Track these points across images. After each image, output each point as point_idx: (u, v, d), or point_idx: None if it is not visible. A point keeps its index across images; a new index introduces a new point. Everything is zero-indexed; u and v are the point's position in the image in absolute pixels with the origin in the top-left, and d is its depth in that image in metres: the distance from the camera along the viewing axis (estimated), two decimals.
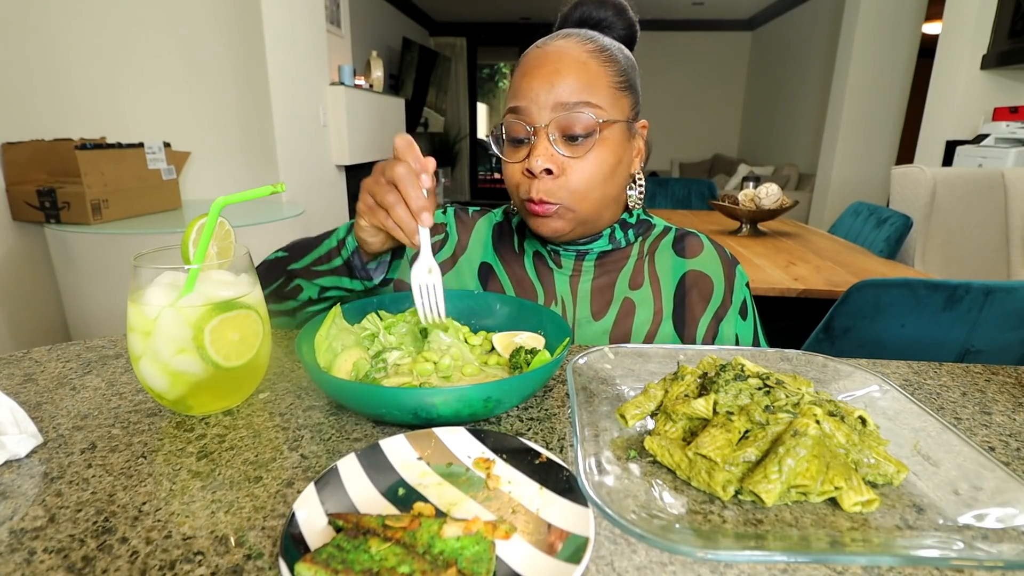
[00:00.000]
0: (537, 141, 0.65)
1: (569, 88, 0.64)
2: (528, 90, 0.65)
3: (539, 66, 0.66)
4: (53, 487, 0.40)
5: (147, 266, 0.48)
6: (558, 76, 0.65)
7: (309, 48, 2.81)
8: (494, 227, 0.82)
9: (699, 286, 0.75)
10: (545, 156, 0.64)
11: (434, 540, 0.32)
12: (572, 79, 0.65)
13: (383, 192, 0.55)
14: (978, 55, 2.92)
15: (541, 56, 0.67)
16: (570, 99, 0.64)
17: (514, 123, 0.67)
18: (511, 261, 0.78)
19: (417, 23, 6.91)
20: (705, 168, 7.22)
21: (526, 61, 0.68)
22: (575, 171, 0.65)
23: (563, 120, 0.64)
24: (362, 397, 0.45)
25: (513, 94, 0.68)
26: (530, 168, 0.65)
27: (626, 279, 0.75)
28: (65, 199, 1.70)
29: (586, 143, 0.65)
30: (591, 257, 0.75)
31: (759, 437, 0.40)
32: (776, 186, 2.20)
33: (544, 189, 0.65)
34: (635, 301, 0.74)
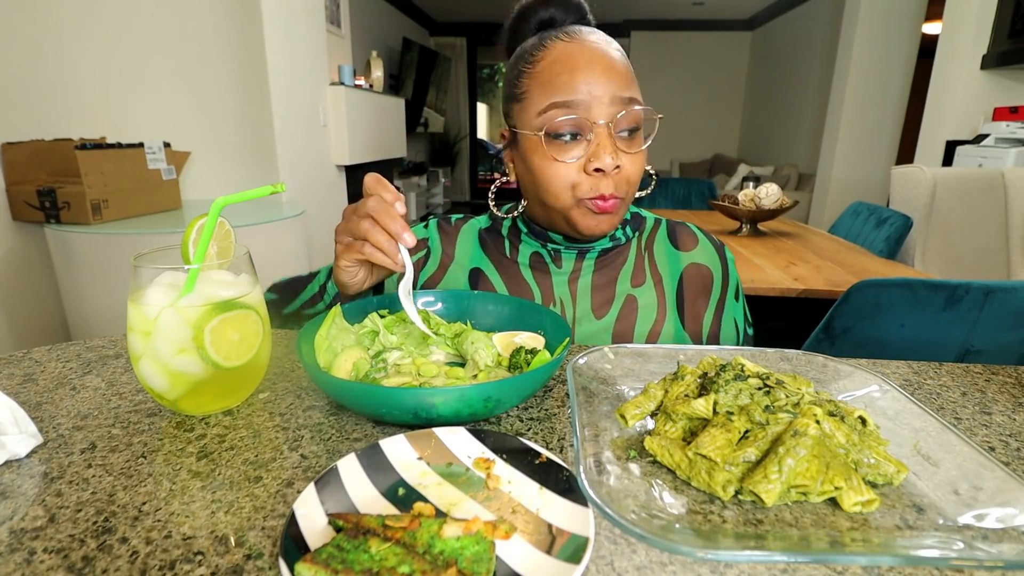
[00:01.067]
0: (602, 138, 0.63)
1: (622, 82, 0.63)
2: (585, 84, 0.63)
3: (591, 60, 0.63)
4: (53, 487, 0.40)
5: (147, 266, 0.48)
6: (614, 71, 0.63)
7: (309, 48, 2.81)
8: (480, 232, 0.81)
9: (699, 280, 0.76)
10: (614, 152, 0.63)
11: (434, 540, 0.32)
12: (622, 73, 0.64)
13: (358, 224, 0.55)
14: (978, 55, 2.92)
15: (585, 49, 0.64)
16: (624, 93, 0.63)
17: (567, 119, 0.63)
18: (507, 267, 0.77)
19: (417, 23, 6.91)
20: (705, 168, 7.22)
21: (567, 55, 0.64)
22: (632, 165, 0.65)
23: (625, 117, 0.64)
24: (362, 397, 0.45)
25: (557, 88, 0.63)
26: (601, 167, 0.62)
27: (627, 277, 0.75)
28: (65, 199, 1.70)
29: (638, 137, 0.65)
30: (592, 255, 0.75)
31: (759, 437, 0.40)
32: (776, 186, 2.20)
33: (614, 184, 0.64)
34: (638, 299, 0.74)
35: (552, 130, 0.64)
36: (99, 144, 1.77)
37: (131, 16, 2.15)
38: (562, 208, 0.67)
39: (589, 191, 0.64)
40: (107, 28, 2.10)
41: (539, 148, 0.65)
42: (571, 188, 0.65)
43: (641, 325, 0.73)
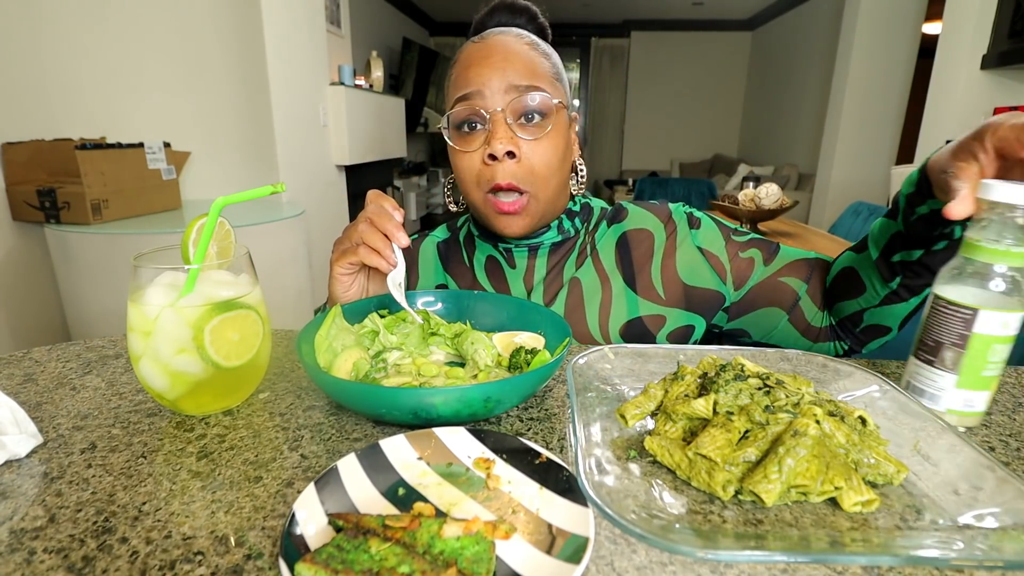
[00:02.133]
0: (495, 126, 0.65)
1: (519, 72, 0.65)
2: (478, 76, 0.65)
3: (486, 55, 0.66)
4: (53, 487, 0.40)
5: (147, 266, 0.48)
6: (507, 62, 0.65)
7: (309, 48, 2.81)
8: (438, 246, 0.82)
9: (639, 241, 0.75)
10: (506, 138, 0.64)
11: (434, 540, 0.32)
12: (520, 64, 0.66)
13: (355, 230, 0.59)
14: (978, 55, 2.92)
15: (485, 47, 0.67)
16: (521, 82, 0.65)
17: (466, 110, 0.66)
18: (463, 274, 0.78)
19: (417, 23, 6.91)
20: (705, 168, 7.22)
21: (468, 54, 0.68)
22: (535, 154, 0.66)
23: (518, 102, 0.65)
24: (362, 397, 0.45)
25: (460, 84, 0.67)
26: (492, 152, 0.64)
27: (572, 264, 0.76)
28: (65, 199, 1.70)
29: (542, 125, 0.66)
30: (543, 251, 0.75)
31: (759, 437, 0.40)
32: (776, 186, 2.20)
33: (509, 172, 0.65)
34: (580, 279, 0.74)
35: (454, 121, 0.67)
36: (99, 144, 1.77)
37: (131, 16, 2.15)
38: (476, 205, 0.70)
39: (488, 180, 0.66)
40: (107, 28, 2.10)
41: (452, 142, 0.68)
42: (476, 181, 0.67)
43: (590, 305, 0.73)
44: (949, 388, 0.48)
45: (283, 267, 2.04)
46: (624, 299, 0.73)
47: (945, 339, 0.48)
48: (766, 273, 0.72)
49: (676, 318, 0.73)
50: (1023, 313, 0.46)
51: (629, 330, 0.72)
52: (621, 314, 0.72)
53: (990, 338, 0.46)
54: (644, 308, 0.73)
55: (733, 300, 0.74)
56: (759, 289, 0.72)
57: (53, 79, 1.93)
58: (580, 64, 7.68)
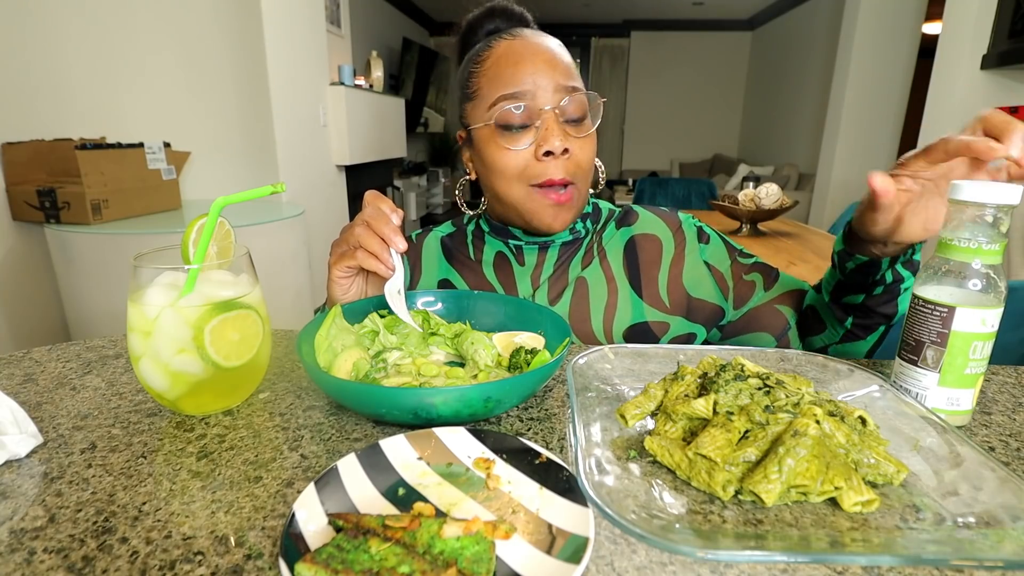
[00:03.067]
0: (549, 123, 0.65)
1: (563, 73, 0.66)
2: (526, 75, 0.66)
3: (533, 52, 0.67)
4: (53, 487, 0.40)
5: (147, 266, 0.48)
6: (553, 61, 0.66)
7: (309, 48, 2.81)
8: (443, 240, 0.82)
9: (647, 246, 0.76)
10: (562, 136, 0.65)
11: (434, 540, 0.32)
12: (563, 65, 0.67)
13: (352, 233, 0.59)
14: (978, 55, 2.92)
15: (527, 45, 0.68)
16: (567, 83, 0.66)
17: (514, 110, 0.66)
18: (469, 270, 0.78)
19: (417, 23, 6.91)
20: (705, 168, 7.22)
21: (507, 50, 0.68)
22: (581, 151, 0.67)
23: (567, 104, 0.66)
24: (362, 397, 0.45)
25: (505, 82, 0.67)
26: (549, 149, 0.65)
27: (578, 262, 0.76)
28: (65, 199, 1.70)
29: (586, 124, 0.67)
30: (553, 249, 0.76)
31: (759, 437, 0.40)
32: (776, 186, 2.20)
33: (563, 168, 0.66)
34: (587, 279, 0.75)
35: (502, 121, 0.67)
36: (99, 144, 1.77)
37: (131, 16, 2.15)
38: (515, 201, 0.69)
39: (539, 176, 0.66)
40: (107, 28, 2.10)
41: (492, 140, 0.68)
42: (521, 175, 0.67)
43: (595, 305, 0.73)
44: (932, 387, 0.49)
45: (283, 267, 2.04)
46: (630, 303, 0.73)
47: (925, 338, 0.48)
48: (764, 298, 0.74)
49: (679, 326, 0.74)
50: (1000, 309, 0.46)
51: (633, 333, 0.73)
52: (626, 317, 0.73)
53: (969, 335, 0.46)
54: (649, 313, 0.73)
55: (730, 319, 0.75)
56: (755, 313, 0.74)
57: (53, 79, 1.93)
58: (580, 64, 7.68)
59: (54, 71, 1.93)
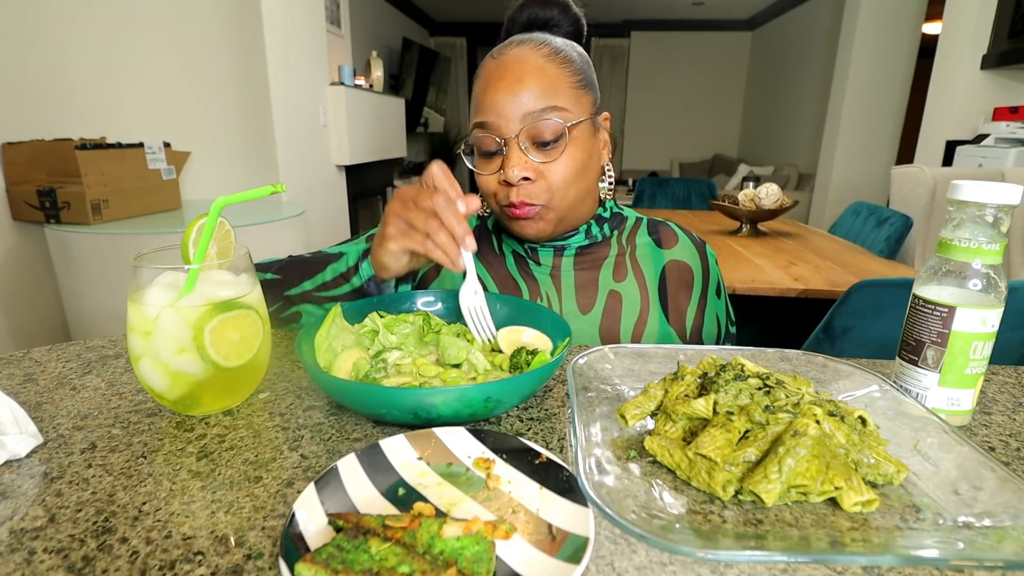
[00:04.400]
0: (510, 152, 0.66)
1: (533, 96, 0.65)
2: (493, 104, 0.66)
3: (500, 78, 0.67)
4: (53, 487, 0.40)
5: (147, 266, 0.48)
6: (520, 86, 0.65)
7: (309, 48, 2.81)
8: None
9: (680, 275, 0.77)
10: (520, 165, 0.66)
11: (434, 540, 0.32)
12: (534, 86, 0.65)
13: (421, 219, 0.56)
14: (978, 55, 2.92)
15: (500, 67, 0.67)
16: (536, 107, 0.65)
17: (483, 137, 0.68)
18: (492, 262, 0.79)
19: (417, 23, 6.91)
20: (705, 168, 7.22)
21: (486, 74, 0.69)
22: (552, 174, 0.67)
23: (532, 129, 0.66)
24: (362, 397, 0.45)
25: (478, 108, 0.68)
26: (507, 179, 0.66)
27: (609, 272, 0.76)
28: (65, 199, 1.70)
29: (557, 147, 0.67)
30: (569, 252, 0.76)
31: (759, 437, 0.40)
32: (776, 186, 2.19)
33: (524, 193, 0.67)
34: (621, 293, 0.75)
35: (476, 145, 0.70)
36: (99, 144, 1.77)
37: (131, 16, 2.15)
38: (497, 216, 0.73)
39: (504, 199, 0.68)
40: (107, 28, 2.10)
41: (471, 166, 0.72)
42: (493, 197, 0.70)
43: (627, 320, 0.74)
44: (933, 387, 0.49)
45: None
46: (658, 322, 0.75)
47: (926, 338, 0.48)
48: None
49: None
50: (1001, 309, 0.46)
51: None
52: (653, 334, 0.74)
53: (970, 335, 0.46)
54: (672, 337, 0.75)
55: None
56: None
57: (53, 79, 1.93)
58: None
59: (54, 71, 1.93)
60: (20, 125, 1.81)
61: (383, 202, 4.46)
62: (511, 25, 0.76)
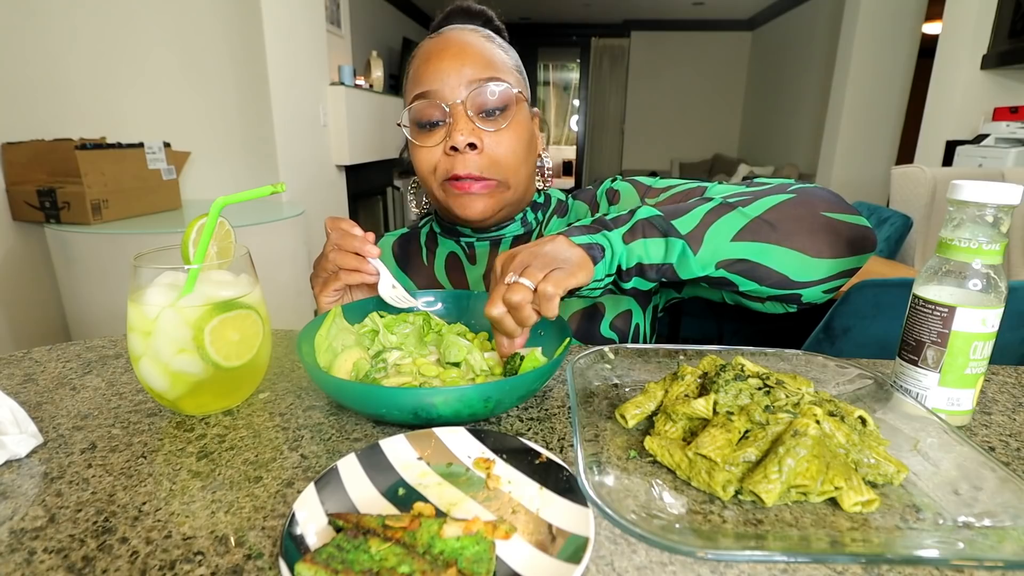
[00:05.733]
0: (455, 118, 0.65)
1: (477, 65, 0.65)
2: (436, 72, 0.65)
3: (443, 48, 0.66)
4: (53, 487, 0.40)
5: (147, 266, 0.48)
6: (465, 56, 0.65)
7: (309, 48, 2.80)
8: (395, 242, 0.83)
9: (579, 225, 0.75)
10: (467, 131, 0.64)
11: (434, 540, 0.32)
12: (478, 56, 0.65)
13: (326, 261, 0.61)
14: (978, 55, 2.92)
15: (442, 41, 0.67)
16: (481, 75, 0.65)
17: (426, 106, 0.65)
18: (420, 272, 0.79)
19: (417, 23, 6.91)
20: (705, 168, 7.22)
21: (425, 50, 0.68)
22: (499, 144, 0.66)
23: (478, 95, 0.64)
24: (362, 397, 0.45)
25: (418, 81, 0.67)
26: (453, 144, 0.64)
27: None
28: (65, 199, 1.70)
29: (504, 116, 0.66)
30: (505, 244, 0.76)
31: (759, 437, 0.40)
32: None
33: (472, 164, 0.65)
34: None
35: (415, 119, 0.67)
36: (99, 144, 1.77)
37: (131, 16, 2.15)
38: (437, 199, 0.70)
39: (447, 171, 0.66)
40: (107, 28, 2.10)
41: (412, 139, 0.68)
42: (434, 172, 0.67)
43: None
44: (933, 387, 0.49)
45: (283, 267, 2.04)
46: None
47: (926, 338, 0.48)
48: None
49: (612, 305, 0.72)
50: (1001, 309, 0.46)
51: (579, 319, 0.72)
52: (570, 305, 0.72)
53: (970, 335, 0.46)
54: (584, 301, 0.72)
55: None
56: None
57: (53, 79, 1.93)
58: (580, 64, 7.68)
59: (54, 71, 1.93)
60: (20, 125, 1.81)
61: (383, 202, 4.46)
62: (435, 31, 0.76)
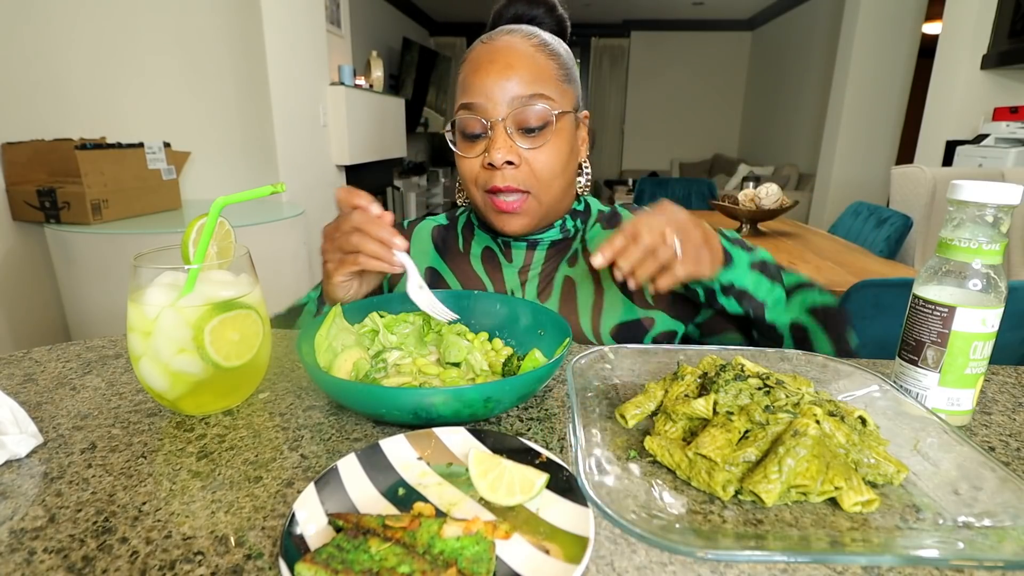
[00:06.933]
0: (495, 135, 0.66)
1: (522, 81, 0.66)
2: (482, 86, 0.66)
3: (490, 61, 0.67)
4: (53, 487, 0.40)
5: (147, 266, 0.48)
6: (511, 70, 0.66)
7: (309, 48, 2.80)
8: (434, 229, 0.83)
9: None
10: (505, 148, 0.65)
11: (434, 540, 0.32)
12: (524, 72, 0.66)
13: (346, 240, 0.58)
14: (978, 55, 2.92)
15: (490, 51, 0.67)
16: (524, 92, 0.66)
17: (469, 119, 0.67)
18: (458, 262, 0.79)
19: (417, 23, 6.91)
20: (705, 168, 7.22)
21: (474, 57, 0.69)
22: (535, 161, 0.67)
23: (519, 114, 0.66)
24: (362, 397, 0.45)
25: (465, 90, 0.68)
26: (491, 161, 0.66)
27: (566, 262, 0.76)
28: (65, 199, 1.70)
29: (543, 134, 0.67)
30: (542, 247, 0.76)
31: (759, 437, 0.40)
32: (776, 186, 2.20)
33: (509, 177, 0.67)
34: (574, 279, 0.75)
35: (460, 128, 0.69)
36: (99, 144, 1.77)
37: (131, 16, 2.15)
38: (476, 204, 0.72)
39: (487, 183, 0.68)
40: (107, 28, 2.10)
41: (455, 148, 0.70)
42: (475, 182, 0.69)
43: (583, 301, 0.74)
44: (933, 387, 0.49)
45: (283, 267, 2.04)
46: (618, 300, 0.73)
47: (926, 338, 0.48)
48: None
49: (662, 322, 0.74)
50: (1000, 309, 0.46)
51: (620, 332, 0.73)
52: (613, 315, 0.73)
53: (970, 335, 0.46)
54: (635, 311, 0.73)
55: (705, 316, 0.76)
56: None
57: (53, 79, 1.93)
58: (580, 64, 7.68)
59: (54, 71, 1.93)
60: (20, 125, 1.81)
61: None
62: (497, 19, 0.77)
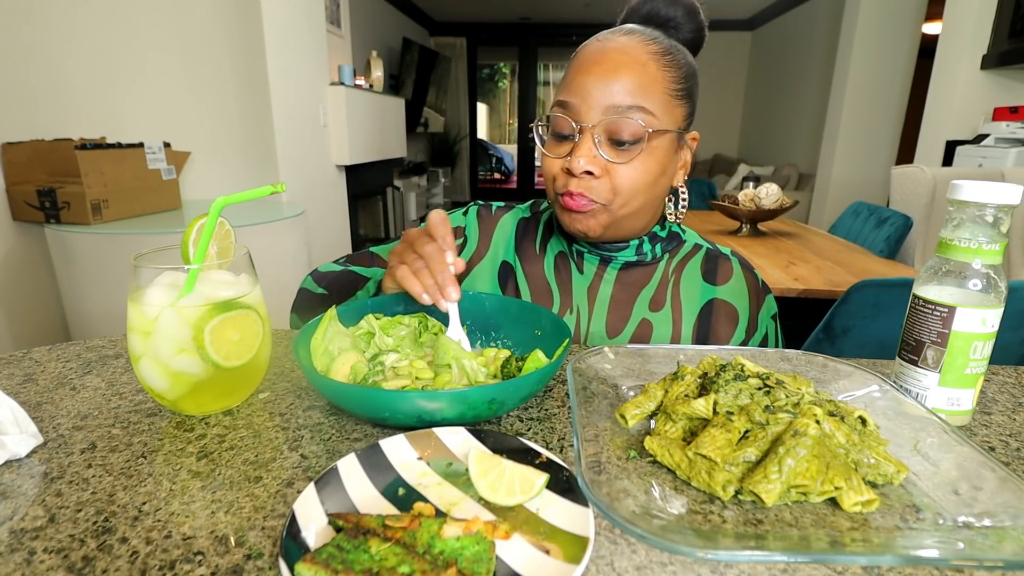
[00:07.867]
0: (581, 140, 0.63)
1: (624, 90, 0.61)
2: (580, 87, 0.63)
3: (596, 62, 0.63)
4: (53, 487, 0.40)
5: (147, 266, 0.48)
6: (614, 76, 0.62)
7: (309, 48, 2.80)
8: (519, 222, 0.80)
9: (724, 313, 0.72)
10: (588, 158, 0.62)
11: (434, 540, 0.32)
12: (628, 81, 0.61)
13: (413, 261, 0.58)
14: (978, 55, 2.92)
15: (600, 51, 0.63)
16: (623, 102, 0.61)
17: (561, 118, 0.64)
18: (531, 262, 0.76)
19: (417, 23, 6.90)
20: (705, 168, 7.22)
21: (584, 54, 0.65)
22: (617, 175, 0.63)
23: (612, 124, 0.62)
24: (365, 402, 0.45)
25: (564, 87, 0.65)
26: (571, 168, 0.63)
27: (647, 298, 0.72)
28: (65, 199, 1.70)
29: (632, 149, 0.62)
30: (615, 265, 0.73)
31: (759, 437, 0.40)
32: (776, 186, 2.20)
33: (584, 186, 0.64)
34: (652, 323, 0.71)
35: (551, 124, 0.66)
36: (99, 144, 1.77)
37: (131, 16, 2.15)
38: (551, 200, 0.69)
39: (563, 186, 0.65)
40: (107, 28, 2.10)
41: (541, 145, 0.68)
42: (553, 181, 0.67)
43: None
44: (933, 387, 0.49)
45: (283, 267, 2.04)
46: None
47: (926, 338, 0.48)
48: None
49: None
50: (1000, 309, 0.46)
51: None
52: None
53: (970, 335, 0.46)
54: None
55: None
56: None
57: (53, 79, 1.93)
58: None
59: (54, 71, 1.93)
60: (20, 125, 1.81)
61: (383, 202, 4.46)
62: (629, 15, 0.72)
